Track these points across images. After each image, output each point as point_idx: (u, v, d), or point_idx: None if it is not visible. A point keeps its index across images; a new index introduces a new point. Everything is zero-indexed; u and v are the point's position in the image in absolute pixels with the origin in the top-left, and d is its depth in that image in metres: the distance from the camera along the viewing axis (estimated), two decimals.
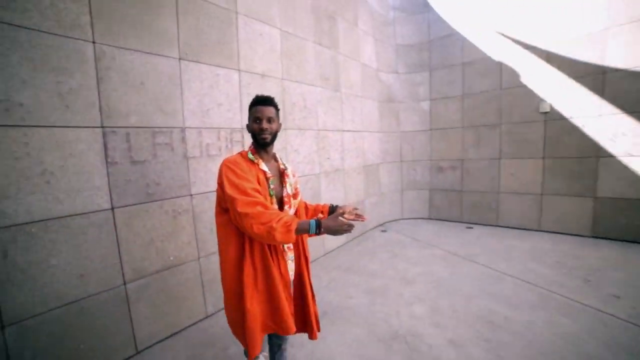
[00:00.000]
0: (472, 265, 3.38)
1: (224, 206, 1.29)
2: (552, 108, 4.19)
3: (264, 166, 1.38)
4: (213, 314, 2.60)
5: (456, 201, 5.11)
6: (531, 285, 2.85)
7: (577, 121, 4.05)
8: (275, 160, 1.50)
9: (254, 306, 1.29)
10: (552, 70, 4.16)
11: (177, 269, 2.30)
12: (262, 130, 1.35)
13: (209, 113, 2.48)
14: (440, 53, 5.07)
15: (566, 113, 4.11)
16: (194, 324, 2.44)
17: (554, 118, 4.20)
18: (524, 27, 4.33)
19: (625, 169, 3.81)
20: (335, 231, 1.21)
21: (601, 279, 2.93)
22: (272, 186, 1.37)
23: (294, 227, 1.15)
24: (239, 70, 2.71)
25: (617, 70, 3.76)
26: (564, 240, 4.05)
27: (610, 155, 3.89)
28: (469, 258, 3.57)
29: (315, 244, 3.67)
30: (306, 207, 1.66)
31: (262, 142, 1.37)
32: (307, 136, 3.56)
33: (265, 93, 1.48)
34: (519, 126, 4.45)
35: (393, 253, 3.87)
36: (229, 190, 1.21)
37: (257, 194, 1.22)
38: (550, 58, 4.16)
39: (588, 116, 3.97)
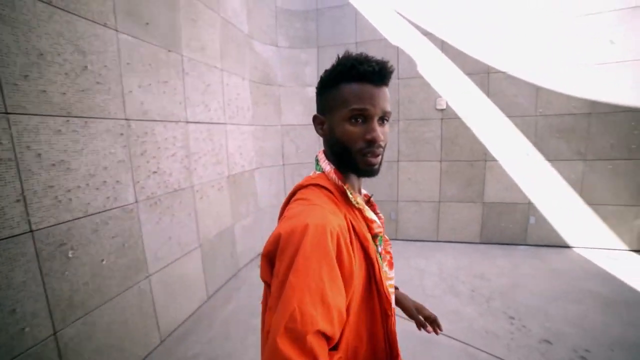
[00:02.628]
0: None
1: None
2: (447, 105, 3.74)
3: (370, 214, 0.68)
4: None
5: None
6: (471, 349, 2.06)
7: (469, 121, 3.72)
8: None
9: None
10: (447, 62, 3.68)
11: None
12: (373, 141, 0.61)
13: None
14: (330, 27, 3.98)
15: (460, 112, 3.73)
16: None
17: (449, 116, 3.76)
18: (421, 8, 3.68)
19: (503, 173, 3.71)
20: None
21: (518, 310, 2.45)
22: (380, 247, 0.69)
23: None
24: None
25: (498, 72, 3.55)
26: (461, 251, 3.70)
27: (494, 159, 3.72)
28: None
29: (145, 315, 1.92)
30: None
31: (367, 171, 0.65)
32: (97, 132, 1.71)
33: None
34: (417, 123, 3.86)
35: None
36: (283, 296, 0.48)
37: (318, 339, 0.47)
38: (445, 48, 3.66)
39: (477, 117, 3.68)
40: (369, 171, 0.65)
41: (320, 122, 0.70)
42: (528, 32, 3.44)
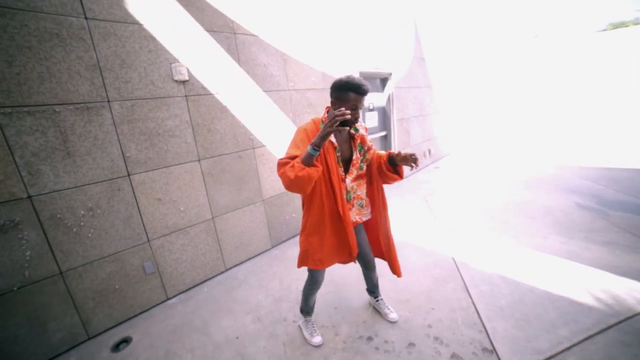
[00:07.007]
0: None
1: None
2: (191, 75, 2.45)
3: (332, 137, 1.51)
4: None
5: (56, 294, 1.98)
6: None
7: (224, 98, 2.70)
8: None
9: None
10: (174, 3, 2.32)
11: None
12: (356, 119, 1.48)
13: None
14: None
15: (210, 85, 2.59)
16: None
17: (197, 92, 2.51)
18: None
19: (274, 159, 3.18)
20: (322, 137, 1.28)
21: (380, 333, 2.02)
22: (338, 154, 1.54)
23: (298, 160, 1.35)
24: None
25: (246, 33, 2.78)
26: (258, 270, 2.82)
27: (262, 145, 3.06)
28: None
29: None
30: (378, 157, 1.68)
31: (347, 125, 1.48)
32: None
33: None
34: (149, 106, 2.26)
35: None
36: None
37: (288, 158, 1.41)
38: None
39: (232, 92, 2.74)
40: (347, 125, 1.49)
41: (336, 99, 1.46)
42: None
